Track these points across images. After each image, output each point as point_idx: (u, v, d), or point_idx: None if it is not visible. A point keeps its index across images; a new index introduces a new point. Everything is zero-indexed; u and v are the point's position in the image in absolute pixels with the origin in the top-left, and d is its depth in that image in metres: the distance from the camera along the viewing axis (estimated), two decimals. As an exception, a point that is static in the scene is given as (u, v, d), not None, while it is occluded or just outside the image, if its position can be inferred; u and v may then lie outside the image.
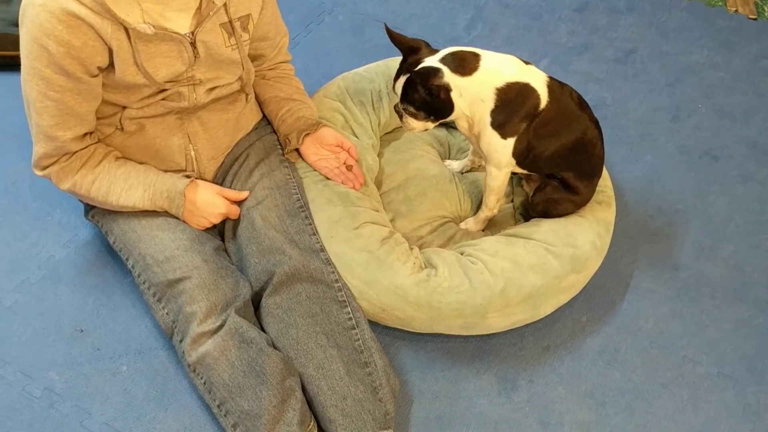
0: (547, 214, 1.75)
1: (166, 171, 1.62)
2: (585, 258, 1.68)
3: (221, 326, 1.47)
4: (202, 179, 1.68)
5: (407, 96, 1.59)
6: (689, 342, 1.76)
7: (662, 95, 2.38)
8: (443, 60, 1.56)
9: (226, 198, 1.63)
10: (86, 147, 1.53)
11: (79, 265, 1.76)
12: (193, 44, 1.47)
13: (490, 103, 1.58)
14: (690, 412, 1.64)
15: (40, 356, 1.60)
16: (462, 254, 1.68)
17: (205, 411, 1.53)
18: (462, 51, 1.58)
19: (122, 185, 1.55)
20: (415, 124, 1.64)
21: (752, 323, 1.81)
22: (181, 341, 1.51)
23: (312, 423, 1.43)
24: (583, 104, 1.68)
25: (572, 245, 1.67)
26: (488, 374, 1.66)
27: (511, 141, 1.62)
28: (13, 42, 2.14)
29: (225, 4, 1.48)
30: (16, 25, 2.15)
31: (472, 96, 1.57)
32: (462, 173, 1.94)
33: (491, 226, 1.84)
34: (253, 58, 1.70)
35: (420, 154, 1.95)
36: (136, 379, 1.58)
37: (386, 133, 2.00)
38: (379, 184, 1.87)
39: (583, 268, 1.69)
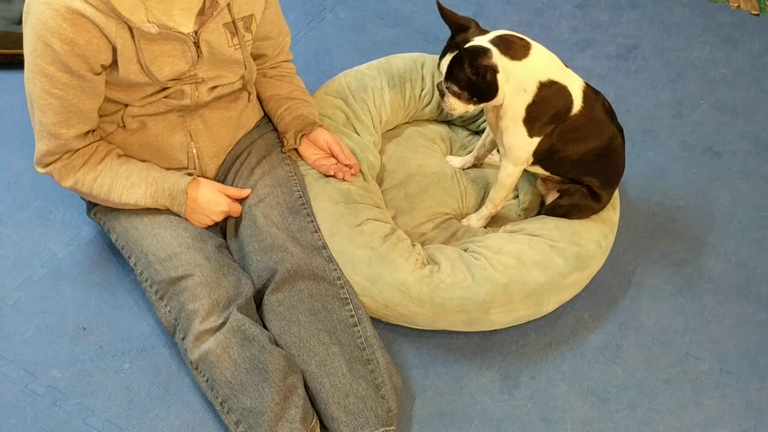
0: (566, 217, 1.74)
1: (168, 169, 1.62)
2: (589, 257, 1.68)
3: (223, 324, 1.47)
4: (203, 177, 1.68)
5: (452, 74, 1.54)
6: (691, 338, 1.76)
7: (664, 91, 2.37)
8: (493, 41, 1.53)
9: (228, 196, 1.63)
10: (88, 145, 1.53)
11: (82, 263, 1.76)
12: (196, 44, 1.47)
13: (529, 96, 1.55)
14: (692, 408, 1.64)
15: (42, 354, 1.60)
16: (465, 251, 1.68)
17: (208, 408, 1.53)
18: (513, 35, 1.56)
19: (124, 183, 1.55)
20: (457, 105, 1.60)
21: (755, 319, 1.81)
22: (183, 339, 1.51)
23: (314, 420, 1.43)
24: (612, 114, 1.68)
25: (577, 244, 1.67)
26: (490, 371, 1.66)
27: (536, 140, 1.61)
28: (15, 40, 2.14)
29: (228, 4, 1.48)
30: (18, 23, 2.17)
31: (517, 83, 1.54)
32: (463, 170, 1.94)
33: (493, 223, 1.84)
34: (255, 57, 1.70)
35: (421, 151, 1.95)
36: (139, 377, 1.58)
37: (388, 131, 2.00)
38: (380, 181, 1.87)
39: (586, 267, 1.69)
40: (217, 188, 1.63)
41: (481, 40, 1.53)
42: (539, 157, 1.65)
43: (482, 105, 1.61)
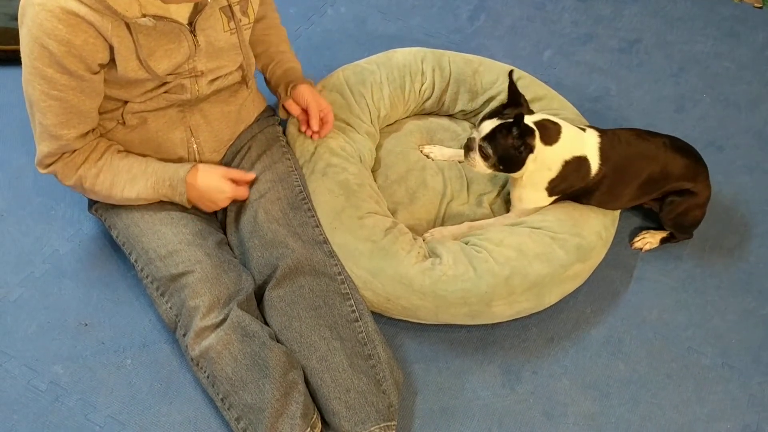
0: (683, 227, 1.85)
1: (168, 163, 1.62)
2: (590, 248, 1.68)
3: (224, 320, 1.48)
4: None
5: (494, 138, 1.62)
6: (694, 333, 1.76)
7: (667, 85, 2.37)
8: (536, 124, 1.63)
9: (232, 180, 1.63)
10: (88, 143, 1.53)
11: (83, 259, 1.76)
12: (193, 33, 1.46)
13: (554, 173, 1.66)
14: (695, 402, 1.64)
15: (45, 350, 1.61)
16: (467, 243, 1.68)
17: (209, 404, 1.53)
18: (549, 120, 1.66)
19: (125, 177, 1.55)
20: (480, 165, 1.68)
21: (757, 314, 1.80)
22: (184, 335, 1.51)
23: (315, 416, 1.43)
24: (645, 138, 1.74)
25: (578, 235, 1.67)
26: (492, 366, 1.66)
27: (552, 198, 1.71)
28: (15, 36, 2.12)
29: None
30: (17, 19, 2.16)
31: (543, 163, 1.64)
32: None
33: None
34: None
35: (424, 144, 1.95)
36: (141, 373, 1.59)
37: (388, 125, 1.99)
38: (381, 175, 1.87)
39: (588, 258, 1.69)
40: (220, 173, 1.61)
41: (529, 121, 1.63)
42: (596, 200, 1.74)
43: (498, 173, 1.72)
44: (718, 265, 1.89)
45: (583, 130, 1.71)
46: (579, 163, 1.66)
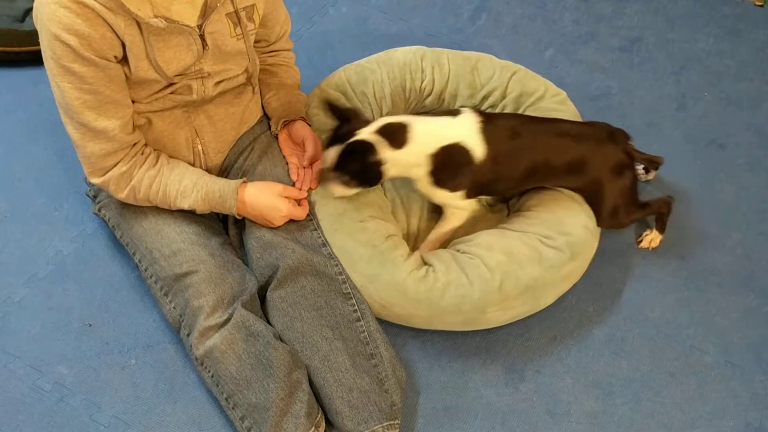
0: (620, 220, 1.79)
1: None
2: (580, 243, 1.67)
3: (228, 320, 1.48)
4: (208, 172, 1.68)
5: (343, 165, 1.59)
6: (696, 331, 1.76)
7: (668, 83, 2.37)
8: (379, 132, 1.58)
9: (288, 197, 1.60)
10: (139, 151, 1.52)
11: (87, 260, 1.76)
12: (201, 36, 1.47)
13: (426, 167, 1.62)
14: (697, 401, 1.64)
15: (49, 351, 1.61)
16: (457, 251, 1.67)
17: (214, 404, 1.54)
18: (393, 123, 1.61)
19: (176, 188, 1.54)
20: (340, 191, 1.64)
21: (760, 312, 1.81)
22: (188, 335, 1.52)
23: (319, 415, 1.44)
24: (530, 127, 1.70)
25: (565, 233, 1.66)
26: (495, 365, 1.66)
27: (461, 193, 1.66)
28: (18, 38, 2.15)
29: None
30: (21, 21, 2.17)
31: (406, 164, 1.61)
32: None
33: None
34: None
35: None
36: (145, 373, 1.59)
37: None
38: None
39: (579, 254, 1.68)
40: (275, 191, 1.59)
41: (366, 133, 1.57)
42: (480, 192, 1.70)
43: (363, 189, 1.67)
44: (720, 263, 1.90)
45: (454, 115, 1.66)
46: (454, 151, 1.61)
